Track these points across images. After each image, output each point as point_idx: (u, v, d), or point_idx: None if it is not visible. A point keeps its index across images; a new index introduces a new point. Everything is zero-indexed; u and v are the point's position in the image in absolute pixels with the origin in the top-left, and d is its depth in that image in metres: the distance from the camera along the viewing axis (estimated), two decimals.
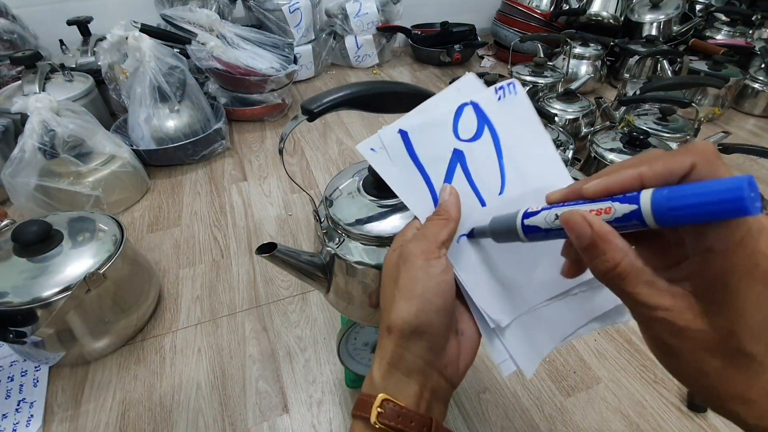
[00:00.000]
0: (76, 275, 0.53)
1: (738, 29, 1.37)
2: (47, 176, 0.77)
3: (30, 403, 0.54)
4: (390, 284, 0.27)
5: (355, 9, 1.42)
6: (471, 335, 0.29)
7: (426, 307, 0.25)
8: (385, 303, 0.28)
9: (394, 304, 0.26)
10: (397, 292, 0.26)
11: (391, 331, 0.25)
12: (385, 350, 0.26)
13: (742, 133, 1.13)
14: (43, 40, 1.15)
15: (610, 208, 0.20)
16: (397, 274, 0.27)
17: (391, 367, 0.25)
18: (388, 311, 0.26)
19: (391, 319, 0.25)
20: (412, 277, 0.26)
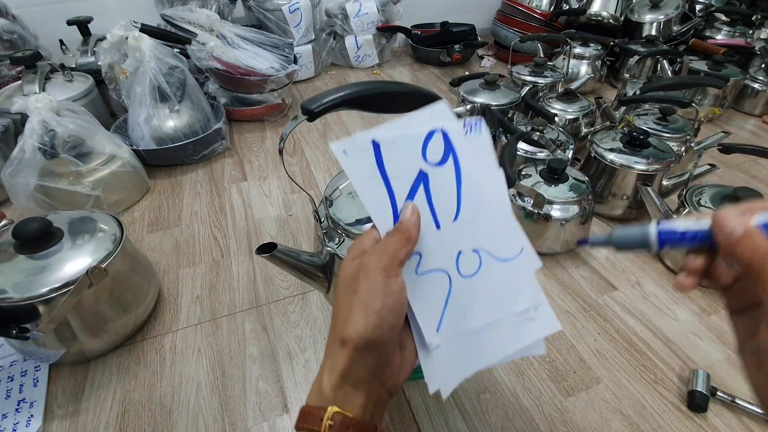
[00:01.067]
0: (76, 271, 0.53)
1: (738, 29, 1.37)
2: (47, 176, 0.77)
3: (30, 403, 0.54)
4: (346, 294, 0.28)
5: (355, 9, 1.42)
6: (411, 349, 0.30)
7: (382, 324, 0.26)
8: (339, 312, 0.28)
9: (351, 317, 0.26)
10: (355, 305, 0.27)
11: (346, 343, 0.26)
12: (337, 362, 0.26)
13: (742, 133, 1.13)
14: (43, 40, 1.15)
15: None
16: (355, 285, 0.27)
17: (341, 379, 0.26)
18: (344, 322, 0.27)
19: (348, 332, 0.26)
20: (371, 292, 0.26)
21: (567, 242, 0.73)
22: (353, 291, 0.27)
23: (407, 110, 0.37)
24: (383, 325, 0.26)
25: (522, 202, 0.72)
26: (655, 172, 0.76)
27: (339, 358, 0.26)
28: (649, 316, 0.65)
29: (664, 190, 0.78)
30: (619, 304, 0.67)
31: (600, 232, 0.81)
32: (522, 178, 0.73)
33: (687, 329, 0.63)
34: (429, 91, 0.37)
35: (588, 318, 0.65)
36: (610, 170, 0.79)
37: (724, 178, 0.94)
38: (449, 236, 0.32)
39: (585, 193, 0.70)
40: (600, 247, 0.31)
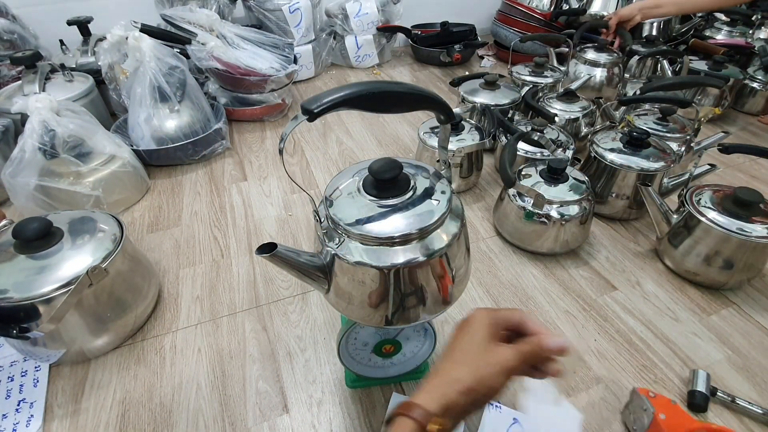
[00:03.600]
0: (76, 271, 0.53)
1: (738, 29, 1.37)
2: (47, 176, 0.77)
3: (30, 403, 0.54)
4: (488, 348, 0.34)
5: (355, 9, 1.42)
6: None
7: (496, 393, 0.33)
8: (477, 360, 0.33)
9: (489, 375, 0.32)
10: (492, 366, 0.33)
11: (469, 393, 0.32)
12: (451, 394, 0.32)
13: (742, 133, 1.13)
14: (43, 40, 1.15)
15: None
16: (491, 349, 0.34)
17: (448, 404, 0.31)
18: (473, 374, 0.32)
19: (473, 384, 0.32)
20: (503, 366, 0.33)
21: (567, 242, 0.73)
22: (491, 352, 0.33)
23: (407, 110, 0.37)
24: (490, 395, 0.32)
25: (522, 202, 0.72)
26: (655, 172, 0.76)
27: (455, 394, 0.31)
28: (649, 316, 0.65)
29: (664, 190, 0.78)
30: (619, 304, 0.67)
31: (600, 232, 0.81)
32: (522, 178, 0.73)
33: (687, 329, 0.63)
34: (430, 93, 0.37)
35: (588, 318, 0.65)
36: (610, 170, 0.79)
37: (724, 178, 0.94)
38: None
39: (585, 193, 0.70)
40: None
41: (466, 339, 0.34)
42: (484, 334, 0.33)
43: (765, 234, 0.61)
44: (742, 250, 0.63)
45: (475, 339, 0.33)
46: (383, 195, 0.39)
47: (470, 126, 0.88)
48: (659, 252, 0.75)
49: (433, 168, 0.44)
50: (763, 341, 0.61)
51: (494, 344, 0.33)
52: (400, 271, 0.38)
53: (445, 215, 0.39)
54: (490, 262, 0.75)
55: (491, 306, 0.67)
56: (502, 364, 0.32)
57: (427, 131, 0.88)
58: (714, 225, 0.63)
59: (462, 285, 0.46)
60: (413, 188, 0.40)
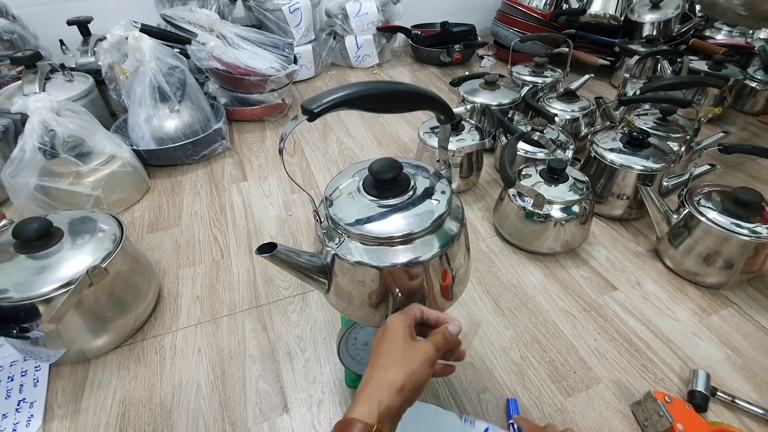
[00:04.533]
0: (76, 271, 0.53)
1: (738, 29, 1.37)
2: (47, 176, 0.77)
3: (30, 403, 0.54)
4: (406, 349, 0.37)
5: (355, 9, 1.42)
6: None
7: (424, 384, 0.35)
8: (397, 360, 0.35)
9: (413, 371, 0.35)
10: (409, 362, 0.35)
11: (402, 390, 0.33)
12: (387, 398, 0.33)
13: (741, 132, 1.13)
14: (43, 40, 1.15)
15: None
16: (408, 347, 0.37)
17: (387, 410, 0.32)
18: (399, 371, 0.34)
19: (404, 381, 0.34)
20: (419, 360, 0.36)
21: (567, 242, 0.73)
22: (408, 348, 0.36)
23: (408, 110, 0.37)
24: (421, 389, 0.35)
25: (522, 202, 0.72)
26: (655, 172, 0.76)
27: (391, 396, 0.33)
28: (649, 316, 0.65)
29: (664, 190, 0.78)
30: (619, 304, 0.67)
31: (600, 232, 0.81)
32: (522, 178, 0.73)
33: (687, 329, 0.63)
34: (430, 93, 0.37)
35: (588, 318, 0.65)
36: (611, 170, 0.79)
37: (724, 178, 0.94)
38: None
39: (585, 193, 0.70)
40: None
41: (388, 344, 0.36)
42: (403, 335, 0.36)
43: (765, 234, 0.61)
44: (742, 250, 0.63)
45: (397, 342, 0.36)
46: (383, 195, 0.39)
47: (470, 126, 0.88)
48: (659, 252, 0.75)
49: (433, 168, 0.44)
50: (763, 341, 0.61)
51: (413, 341, 0.37)
52: (400, 271, 0.39)
53: (445, 215, 0.39)
54: (490, 262, 0.75)
55: (493, 307, 0.67)
56: (424, 356, 0.35)
57: (427, 131, 0.88)
58: (714, 225, 0.64)
59: (462, 285, 0.46)
60: (413, 188, 0.40)
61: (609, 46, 1.40)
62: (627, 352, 0.60)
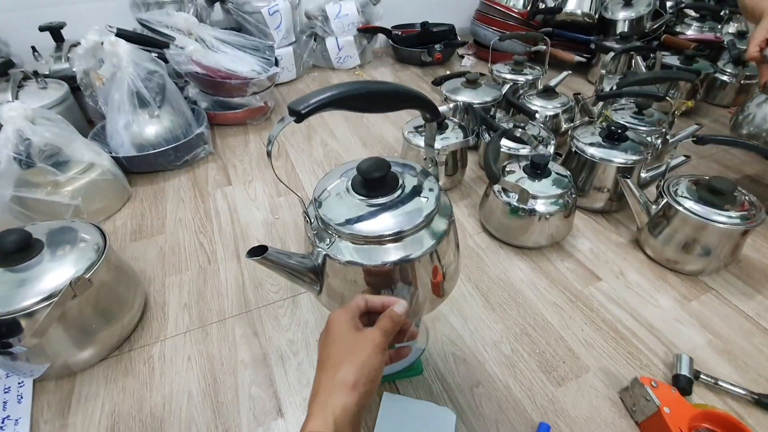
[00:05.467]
0: (59, 283, 0.51)
1: (707, 24, 1.42)
2: (23, 186, 0.75)
3: (15, 420, 0.53)
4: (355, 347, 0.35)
5: (335, 10, 1.42)
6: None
7: (378, 378, 0.34)
8: (348, 358, 0.33)
9: (362, 367, 0.33)
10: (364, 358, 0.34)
11: (356, 387, 0.32)
12: (341, 399, 0.31)
13: (713, 124, 1.17)
14: (14, 47, 1.12)
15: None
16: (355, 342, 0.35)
17: (343, 413, 0.31)
18: (350, 369, 0.32)
19: (355, 378, 0.32)
20: (371, 354, 0.34)
21: (552, 236, 0.74)
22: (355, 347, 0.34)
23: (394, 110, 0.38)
24: (377, 379, 0.34)
25: (507, 198, 0.73)
26: (633, 165, 0.78)
27: (345, 397, 0.31)
28: (633, 304, 0.67)
29: (642, 182, 0.81)
30: (604, 294, 0.69)
31: (583, 225, 0.83)
32: (506, 174, 0.74)
33: (670, 316, 0.65)
34: (416, 91, 0.37)
35: (575, 309, 0.66)
36: (591, 164, 0.80)
37: (699, 168, 0.98)
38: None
39: (568, 187, 0.72)
40: None
41: (331, 343, 0.35)
42: (347, 328, 0.35)
43: (740, 221, 0.64)
44: (718, 237, 0.66)
45: (341, 337, 0.34)
46: (372, 194, 0.40)
47: (453, 124, 0.89)
48: (640, 242, 0.77)
49: (420, 166, 0.45)
50: (742, 324, 0.64)
51: (359, 332, 0.35)
52: (391, 269, 0.39)
53: (434, 212, 0.40)
54: (478, 258, 0.76)
55: (483, 302, 0.68)
56: (372, 344, 0.34)
57: (411, 130, 0.88)
58: (691, 214, 0.66)
59: (453, 281, 0.46)
60: (402, 187, 0.41)
61: (585, 44, 1.44)
62: (613, 341, 0.62)
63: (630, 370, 0.58)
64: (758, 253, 0.75)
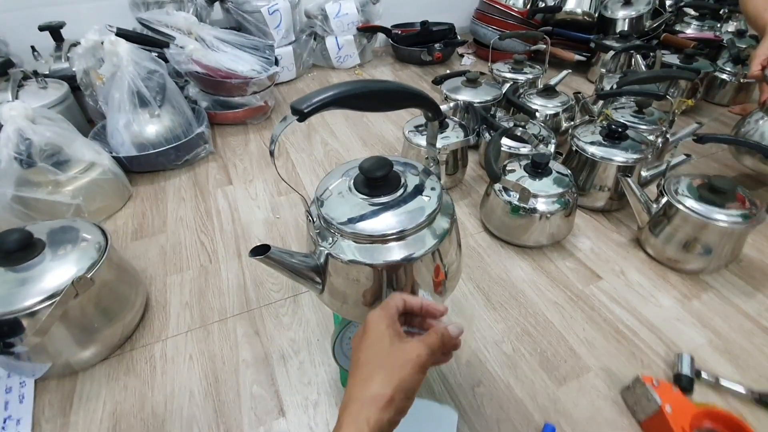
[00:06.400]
0: (61, 282, 0.51)
1: (707, 23, 1.42)
2: (24, 186, 0.75)
3: (17, 420, 0.53)
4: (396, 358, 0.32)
5: (334, 10, 1.41)
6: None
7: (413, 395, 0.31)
8: (391, 372, 0.31)
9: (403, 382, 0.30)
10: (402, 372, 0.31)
11: (391, 403, 0.29)
12: (376, 414, 0.29)
13: (714, 123, 1.17)
14: (13, 47, 1.12)
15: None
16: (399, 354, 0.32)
17: (378, 427, 0.29)
18: (388, 383, 0.30)
19: (393, 393, 0.30)
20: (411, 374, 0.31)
21: (552, 235, 0.74)
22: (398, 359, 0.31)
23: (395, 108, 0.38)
24: (413, 397, 0.31)
25: (508, 197, 0.73)
26: (634, 164, 0.78)
27: (380, 412, 0.29)
28: (633, 303, 0.67)
29: (643, 181, 0.81)
30: (605, 294, 0.69)
31: (583, 224, 0.83)
32: (507, 173, 0.74)
33: (670, 315, 0.65)
34: (418, 90, 0.37)
35: (576, 308, 0.66)
36: (592, 163, 0.80)
37: (699, 167, 0.98)
38: None
39: (568, 186, 0.72)
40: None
41: (369, 349, 0.32)
42: (388, 335, 0.32)
43: (741, 220, 0.64)
44: (719, 236, 0.66)
45: (380, 345, 0.31)
46: (374, 193, 0.40)
47: (454, 123, 0.89)
48: (641, 241, 0.77)
49: (422, 165, 0.45)
50: (743, 323, 0.64)
51: (401, 342, 0.32)
52: (394, 268, 0.39)
53: (437, 211, 0.40)
54: (479, 258, 0.76)
55: (484, 301, 0.68)
56: (414, 361, 0.31)
57: (411, 129, 0.88)
58: (692, 213, 0.66)
59: (454, 280, 0.46)
60: (404, 185, 0.41)
61: (585, 42, 1.43)
62: (614, 340, 0.62)
63: (631, 369, 0.58)
64: (759, 252, 0.76)
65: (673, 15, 1.45)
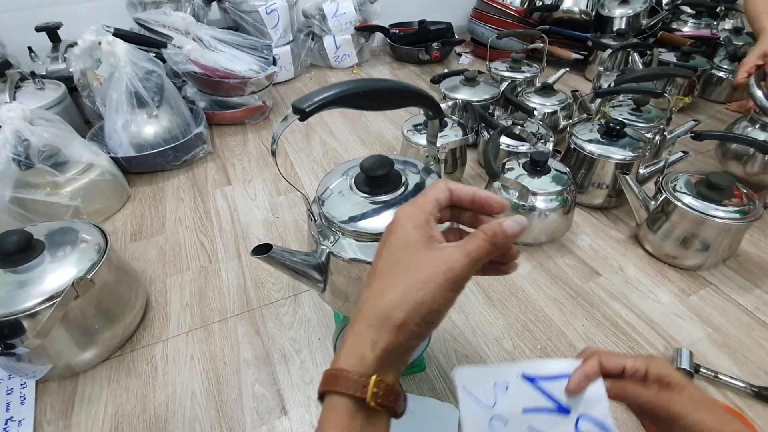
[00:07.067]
0: (61, 284, 0.51)
1: (703, 21, 1.43)
2: (23, 188, 0.75)
3: (18, 422, 0.52)
4: (406, 268, 0.25)
5: (332, 9, 1.41)
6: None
7: (436, 319, 0.25)
8: (395, 285, 0.25)
9: (409, 301, 0.24)
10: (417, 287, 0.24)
11: (402, 328, 0.24)
12: (385, 338, 0.24)
13: (711, 120, 1.17)
14: (10, 47, 1.11)
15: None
16: (417, 264, 0.25)
17: (385, 354, 0.24)
18: (398, 302, 0.24)
19: (401, 316, 0.24)
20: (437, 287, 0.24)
21: (551, 232, 0.75)
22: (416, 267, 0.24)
23: (396, 107, 0.38)
24: (437, 321, 0.25)
25: (507, 195, 0.74)
26: (632, 161, 0.79)
27: (389, 336, 0.24)
28: (632, 299, 0.67)
29: (641, 178, 0.81)
30: (604, 290, 0.69)
31: (582, 221, 0.83)
32: (506, 172, 0.75)
33: (669, 310, 0.65)
34: (418, 89, 0.37)
35: (575, 304, 0.67)
36: (590, 160, 0.81)
37: (696, 165, 0.98)
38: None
39: (567, 184, 0.72)
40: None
41: (390, 256, 0.25)
42: (416, 239, 0.25)
43: (738, 216, 0.64)
44: (716, 232, 0.66)
45: (403, 252, 0.24)
46: (376, 191, 0.40)
47: (452, 122, 0.89)
48: (639, 238, 0.77)
49: (422, 163, 0.45)
50: (741, 318, 0.64)
51: (429, 250, 0.25)
52: None
53: None
54: None
55: (484, 298, 0.68)
56: (443, 276, 0.24)
57: (410, 128, 0.88)
58: (690, 209, 0.66)
59: None
60: (405, 184, 0.41)
61: (582, 41, 1.44)
62: (614, 335, 0.62)
63: None
64: (756, 248, 0.76)
65: (669, 13, 1.46)
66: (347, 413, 0.24)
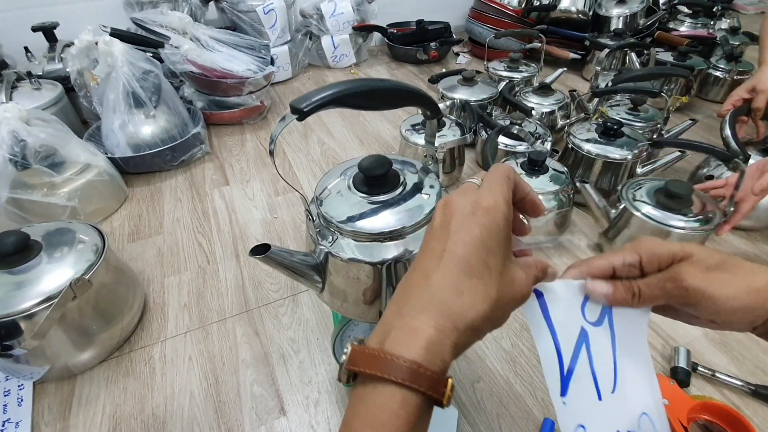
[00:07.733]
0: (58, 284, 0.51)
1: (700, 20, 1.43)
2: (19, 188, 0.74)
3: (15, 423, 0.52)
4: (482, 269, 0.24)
5: (330, 9, 1.41)
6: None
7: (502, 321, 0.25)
8: (471, 287, 0.23)
9: (485, 308, 0.23)
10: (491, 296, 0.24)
11: (478, 332, 0.24)
12: (464, 343, 0.24)
13: (707, 120, 1.18)
14: (6, 47, 1.11)
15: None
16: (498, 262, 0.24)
17: (454, 354, 0.24)
18: (471, 306, 0.23)
19: (477, 321, 0.23)
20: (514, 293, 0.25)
21: (550, 232, 0.75)
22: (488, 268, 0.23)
23: (394, 107, 0.38)
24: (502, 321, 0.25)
25: None
26: (629, 160, 0.79)
27: (468, 341, 0.24)
28: None
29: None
30: None
31: (580, 221, 0.83)
32: None
33: None
34: (417, 89, 0.37)
35: None
36: (588, 160, 0.81)
37: (693, 164, 0.98)
38: (608, 410, 0.29)
39: (565, 184, 0.72)
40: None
41: (480, 241, 0.22)
42: (504, 235, 0.23)
43: (696, 226, 0.63)
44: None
45: (493, 249, 0.22)
46: (374, 191, 0.40)
47: (451, 122, 0.89)
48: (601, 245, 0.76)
49: (420, 163, 0.45)
50: None
51: (509, 258, 0.24)
52: (394, 265, 0.39)
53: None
54: None
55: None
56: (517, 302, 0.24)
57: (408, 128, 0.88)
58: (648, 219, 0.64)
59: None
60: (403, 184, 0.41)
61: (579, 41, 1.44)
62: None
63: None
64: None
65: (666, 13, 1.46)
66: (417, 407, 0.22)
